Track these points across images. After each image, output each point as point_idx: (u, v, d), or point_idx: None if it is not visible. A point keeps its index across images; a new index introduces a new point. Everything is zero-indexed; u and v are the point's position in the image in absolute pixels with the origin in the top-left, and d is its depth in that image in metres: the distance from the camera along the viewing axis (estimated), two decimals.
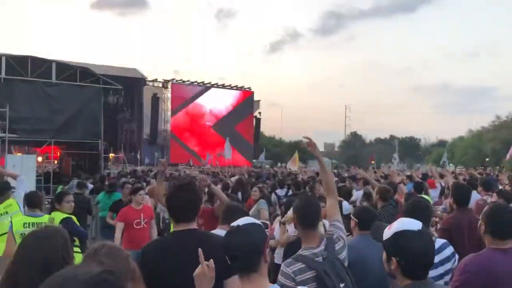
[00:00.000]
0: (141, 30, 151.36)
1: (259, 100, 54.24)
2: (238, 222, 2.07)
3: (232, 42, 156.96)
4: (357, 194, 8.19)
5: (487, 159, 50.85)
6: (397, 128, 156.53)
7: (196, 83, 48.88)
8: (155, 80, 47.41)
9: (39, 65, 17.52)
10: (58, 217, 5.02)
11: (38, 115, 16.88)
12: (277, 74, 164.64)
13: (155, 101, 43.95)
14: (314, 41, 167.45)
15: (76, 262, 2.41)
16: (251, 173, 16.43)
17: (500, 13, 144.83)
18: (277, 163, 48.90)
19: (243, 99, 50.71)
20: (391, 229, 2.05)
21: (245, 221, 2.07)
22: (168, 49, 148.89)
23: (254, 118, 52.36)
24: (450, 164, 40.40)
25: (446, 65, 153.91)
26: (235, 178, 11.35)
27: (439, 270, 3.16)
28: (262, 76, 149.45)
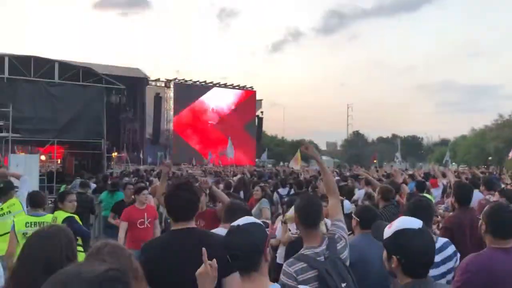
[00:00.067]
0: (144, 30, 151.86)
1: (261, 100, 54.23)
2: (238, 222, 2.07)
3: (234, 42, 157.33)
4: (359, 193, 8.19)
5: (490, 158, 50.77)
6: (400, 127, 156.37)
7: (199, 83, 48.90)
8: (158, 80, 47.42)
9: (42, 65, 17.54)
10: (61, 216, 5.04)
11: (41, 115, 16.90)
12: (279, 74, 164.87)
13: (158, 101, 43.96)
14: (316, 41, 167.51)
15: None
16: (253, 172, 16.43)
17: (503, 12, 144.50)
18: (280, 162, 48.91)
19: (245, 99, 50.73)
20: (392, 228, 2.05)
21: (246, 221, 2.07)
22: (171, 49, 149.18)
23: (256, 118, 52.35)
24: (453, 163, 40.33)
25: (449, 64, 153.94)
26: (237, 177, 11.35)
27: (441, 269, 3.15)
28: (264, 76, 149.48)
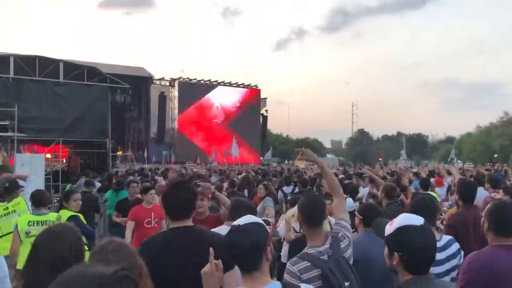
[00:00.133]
0: (148, 29, 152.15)
1: (266, 98, 54.23)
2: (239, 222, 2.08)
3: (239, 40, 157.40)
4: (364, 191, 8.19)
5: (496, 155, 50.52)
6: (405, 125, 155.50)
7: (203, 81, 48.95)
8: (162, 79, 47.53)
9: (47, 65, 17.61)
10: (65, 215, 5.07)
11: (47, 115, 16.95)
12: (284, 72, 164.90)
13: (162, 100, 44.06)
14: (321, 39, 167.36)
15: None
16: (258, 171, 16.42)
17: (508, 8, 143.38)
18: (284, 161, 48.86)
19: (250, 97, 50.74)
20: (393, 225, 2.06)
21: (246, 220, 2.08)
22: (175, 48, 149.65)
23: (261, 116, 52.36)
24: (458, 161, 40.14)
25: (454, 61, 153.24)
26: (242, 176, 11.36)
27: (446, 266, 3.16)
28: (269, 74, 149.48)
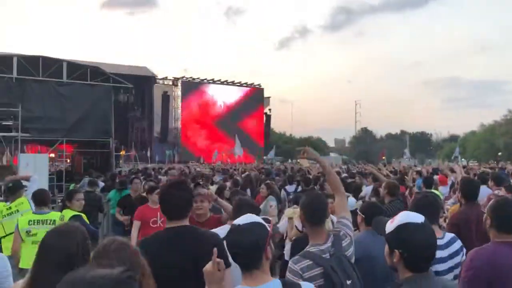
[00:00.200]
0: (151, 29, 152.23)
1: (269, 97, 54.21)
2: (239, 221, 2.09)
3: (242, 40, 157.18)
4: (367, 190, 8.19)
5: (500, 153, 50.32)
6: (408, 123, 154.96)
7: (206, 81, 48.99)
8: (165, 78, 47.58)
9: (50, 65, 17.65)
10: (68, 215, 5.08)
11: (50, 115, 16.98)
12: (287, 71, 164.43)
13: (166, 99, 44.11)
14: (324, 37, 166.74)
15: None
16: (261, 170, 16.42)
17: (510, 7, 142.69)
18: (288, 160, 48.85)
19: (253, 96, 50.72)
20: (394, 222, 2.06)
21: (246, 220, 2.09)
22: (178, 47, 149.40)
23: (264, 115, 52.35)
24: (462, 159, 40.02)
25: (457, 59, 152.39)
26: (244, 175, 11.37)
27: (448, 264, 3.15)
28: (272, 73, 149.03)
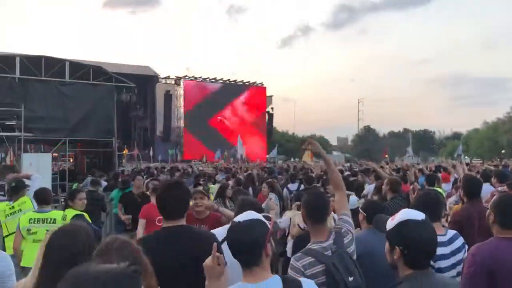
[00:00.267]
0: (153, 28, 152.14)
1: (272, 96, 54.20)
2: (239, 218, 2.12)
3: (244, 38, 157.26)
4: (369, 188, 8.17)
5: (503, 151, 50.17)
6: (411, 121, 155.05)
7: (208, 79, 49.00)
8: (168, 77, 47.63)
9: (53, 65, 17.69)
10: (70, 214, 5.09)
11: (53, 114, 17.02)
12: (289, 69, 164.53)
13: (168, 98, 44.12)
14: (326, 36, 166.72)
15: None
16: (264, 169, 16.41)
17: None
18: (290, 158, 48.82)
19: (256, 95, 50.70)
20: (395, 220, 2.07)
21: (246, 217, 2.11)
22: (180, 46, 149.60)
23: (267, 114, 52.32)
24: (465, 157, 39.89)
25: (460, 57, 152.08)
26: (246, 174, 11.38)
27: (451, 260, 3.14)
28: (274, 72, 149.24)
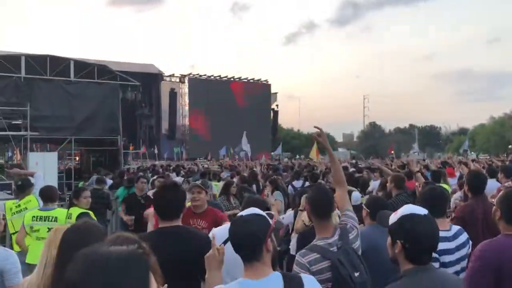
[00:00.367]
0: (157, 26, 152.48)
1: (276, 93, 54.19)
2: (242, 213, 2.14)
3: (248, 35, 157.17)
4: (374, 185, 8.18)
5: (510, 146, 49.86)
6: (417, 117, 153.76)
7: (213, 77, 49.04)
8: (172, 75, 47.75)
9: (58, 64, 17.71)
10: (76, 212, 5.13)
11: (58, 113, 17.04)
12: (294, 66, 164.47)
13: (173, 96, 44.24)
14: (331, 32, 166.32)
15: None
16: (269, 166, 16.40)
17: None
18: (296, 155, 48.78)
19: (260, 92, 50.66)
20: (397, 214, 2.09)
21: (249, 212, 2.13)
22: (185, 44, 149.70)
23: (272, 111, 52.30)
24: (472, 152, 39.68)
25: (466, 52, 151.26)
26: (249, 171, 11.40)
27: (456, 255, 3.13)
28: (279, 69, 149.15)
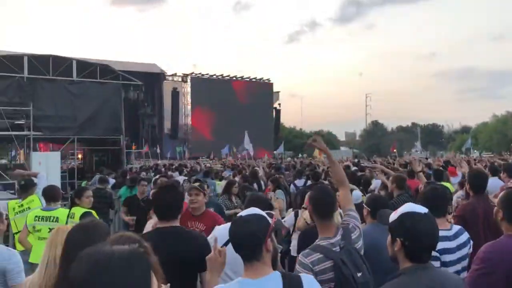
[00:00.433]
0: (160, 25, 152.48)
1: (279, 91, 54.12)
2: (242, 213, 2.16)
3: (250, 34, 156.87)
4: (376, 183, 8.19)
5: None
6: (419, 116, 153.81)
7: (215, 76, 49.02)
8: (175, 75, 47.76)
9: (60, 64, 17.76)
10: (78, 212, 5.14)
11: (61, 113, 17.10)
12: (297, 65, 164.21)
13: (175, 96, 44.20)
14: (333, 30, 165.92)
15: None
16: (271, 165, 16.40)
17: None
18: (298, 154, 48.73)
19: (263, 91, 50.62)
20: (398, 212, 2.10)
21: (249, 212, 2.15)
22: (186, 43, 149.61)
23: (274, 110, 52.25)
24: (475, 151, 39.58)
25: (469, 50, 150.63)
26: (250, 170, 11.42)
27: (457, 255, 3.12)
28: (281, 67, 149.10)
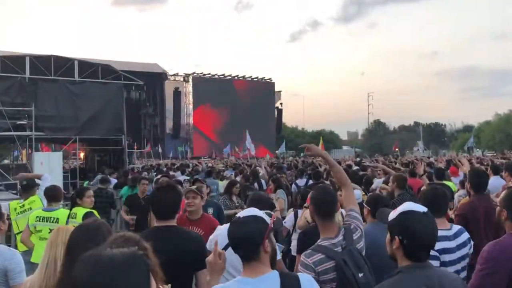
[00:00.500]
0: (161, 25, 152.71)
1: (280, 91, 54.19)
2: (241, 214, 2.17)
3: (252, 34, 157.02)
4: (377, 182, 8.17)
5: None
6: (422, 115, 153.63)
7: (217, 76, 49.05)
8: (176, 75, 47.82)
9: (62, 64, 17.77)
10: (80, 212, 5.14)
11: (63, 113, 17.11)
12: (298, 64, 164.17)
13: (177, 95, 44.28)
14: (335, 30, 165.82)
15: None
16: (273, 165, 16.41)
17: None
18: (300, 154, 48.70)
19: (265, 90, 50.63)
20: (397, 211, 2.10)
21: (247, 213, 2.16)
22: (189, 43, 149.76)
23: (276, 109, 52.27)
24: (477, 150, 39.48)
25: (471, 49, 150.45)
26: (251, 170, 11.45)
27: (457, 254, 3.13)
28: (283, 67, 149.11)
